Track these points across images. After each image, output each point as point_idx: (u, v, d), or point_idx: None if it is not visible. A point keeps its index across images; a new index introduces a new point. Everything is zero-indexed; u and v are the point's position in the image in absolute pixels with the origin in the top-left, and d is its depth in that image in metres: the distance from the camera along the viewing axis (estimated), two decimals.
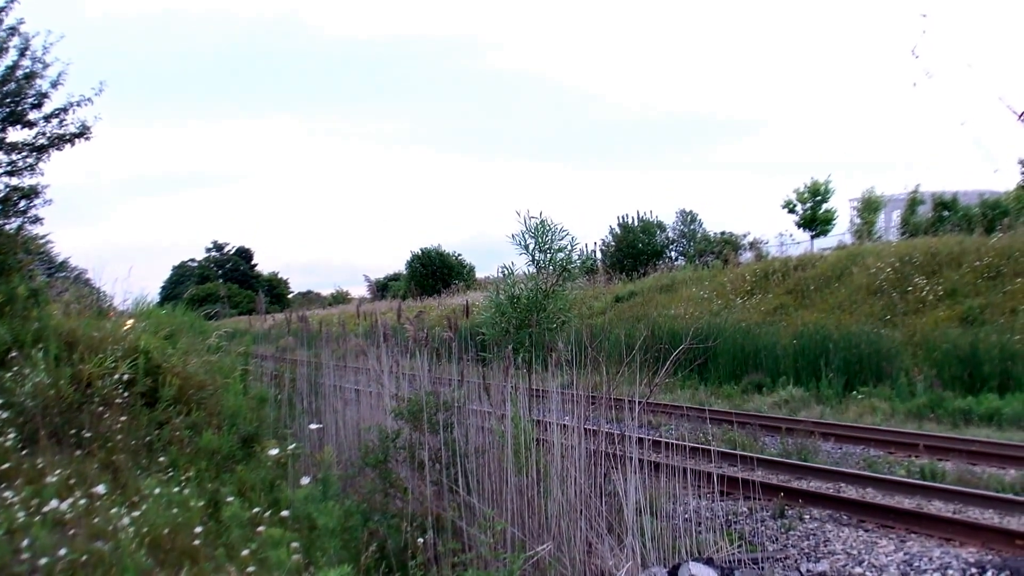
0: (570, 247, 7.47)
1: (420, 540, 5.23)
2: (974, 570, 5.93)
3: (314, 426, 7.42)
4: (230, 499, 4.53)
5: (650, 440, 7.38)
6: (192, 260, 74.77)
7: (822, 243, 30.31)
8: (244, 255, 76.18)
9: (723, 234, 33.63)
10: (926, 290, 18.35)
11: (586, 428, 5.94)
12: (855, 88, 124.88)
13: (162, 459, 5.36)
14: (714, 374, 16.85)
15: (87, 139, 9.07)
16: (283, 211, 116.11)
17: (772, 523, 7.37)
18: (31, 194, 9.06)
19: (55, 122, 8.92)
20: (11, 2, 8.75)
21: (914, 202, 27.70)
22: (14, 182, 8.92)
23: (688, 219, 38.47)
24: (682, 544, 5.61)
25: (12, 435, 4.83)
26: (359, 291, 57.42)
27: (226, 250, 76.08)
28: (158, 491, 4.37)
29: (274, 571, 3.77)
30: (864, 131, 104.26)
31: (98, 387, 5.71)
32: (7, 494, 4.05)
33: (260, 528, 4.15)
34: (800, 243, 31.44)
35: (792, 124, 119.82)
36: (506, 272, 7.87)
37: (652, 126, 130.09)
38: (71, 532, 3.88)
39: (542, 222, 7.34)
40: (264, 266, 77.43)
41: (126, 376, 5.93)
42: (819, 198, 31.34)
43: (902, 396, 13.44)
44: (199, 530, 4.12)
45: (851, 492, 8.29)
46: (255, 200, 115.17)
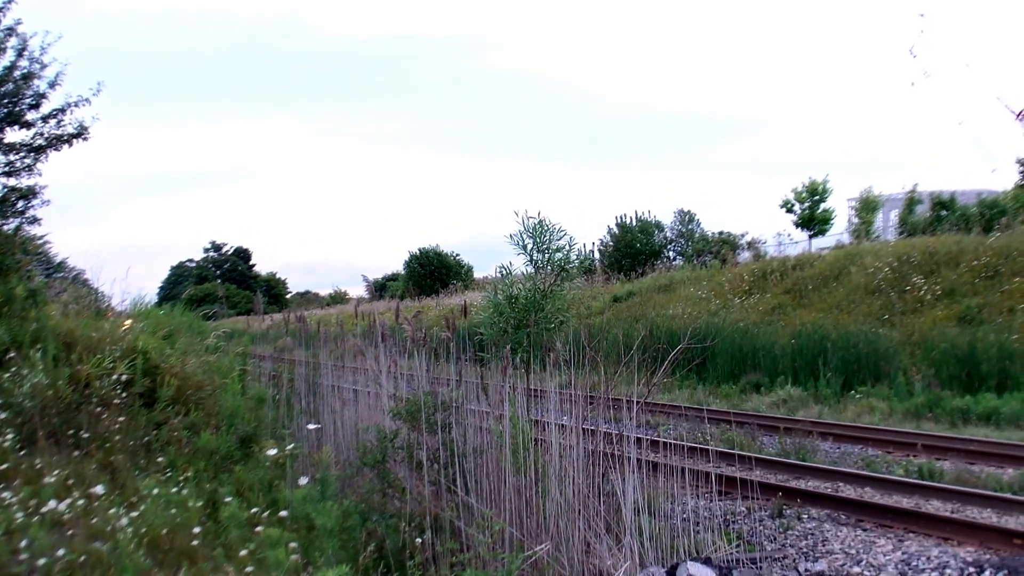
0: (568, 247, 7.46)
1: (418, 540, 5.24)
2: (972, 569, 5.94)
3: (312, 426, 7.42)
4: (228, 499, 4.53)
5: (648, 440, 7.39)
6: (190, 260, 74.78)
7: (820, 243, 30.34)
8: (242, 255, 76.13)
9: (721, 234, 33.67)
10: (924, 290, 18.37)
11: (584, 428, 5.95)
12: (853, 88, 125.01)
13: (160, 459, 5.35)
14: (712, 374, 16.87)
15: (85, 139, 9.09)
16: (281, 211, 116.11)
17: (770, 523, 7.38)
18: (29, 194, 9.08)
19: (53, 123, 8.94)
20: (9, 2, 8.76)
21: (912, 202, 27.73)
22: (12, 183, 8.94)
23: (686, 219, 38.52)
24: (680, 544, 5.61)
25: (10, 435, 4.82)
26: (357, 291, 57.37)
27: (224, 250, 76.04)
28: (156, 491, 4.37)
29: (272, 571, 3.77)
30: (862, 131, 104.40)
31: (96, 387, 5.70)
32: (5, 495, 4.04)
33: (258, 528, 4.15)
34: (798, 243, 31.48)
35: (790, 124, 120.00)
36: (504, 272, 7.86)
37: (650, 126, 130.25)
38: (69, 532, 3.87)
39: (540, 222, 7.33)
40: (262, 266, 77.50)
41: (124, 376, 5.92)
42: (817, 198, 31.40)
43: (900, 396, 13.46)
44: (197, 530, 4.11)
45: (849, 491, 8.31)
46: (253, 200, 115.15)
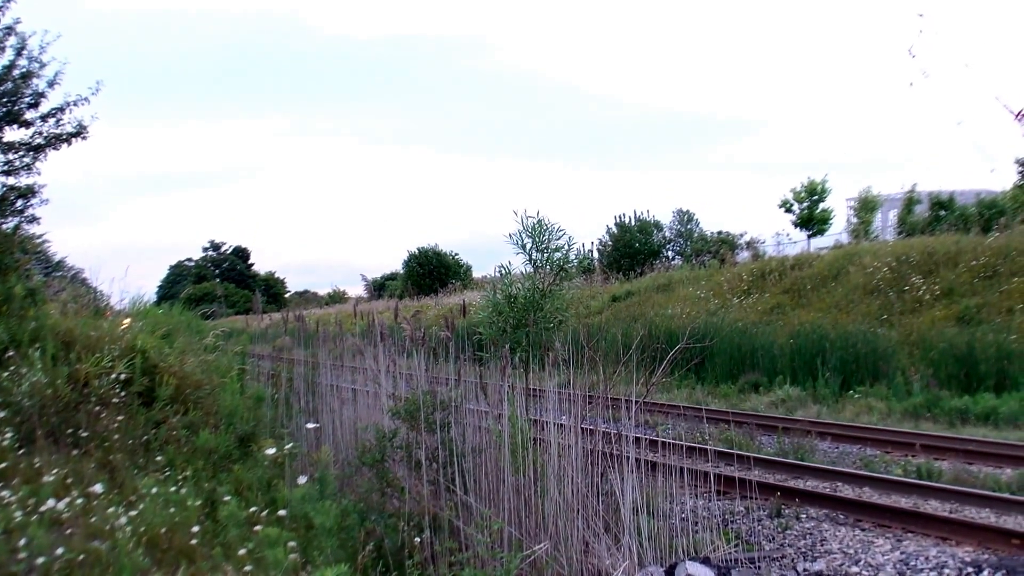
0: (567, 247, 7.46)
1: (417, 539, 5.24)
2: (970, 569, 5.95)
3: (311, 425, 7.42)
4: (227, 498, 4.53)
5: (647, 439, 7.41)
6: (189, 259, 74.79)
7: (819, 242, 30.37)
8: (241, 254, 76.11)
9: (720, 234, 33.68)
10: (923, 289, 18.38)
11: (583, 427, 5.95)
12: (852, 88, 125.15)
13: (159, 458, 5.35)
14: (711, 374, 16.89)
15: (84, 138, 9.08)
16: (280, 211, 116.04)
17: (769, 522, 7.39)
18: (28, 193, 9.07)
19: (52, 122, 8.93)
20: (8, 1, 8.75)
21: (911, 201, 27.75)
22: (11, 181, 8.94)
23: (685, 219, 38.50)
24: (679, 543, 5.61)
25: (9, 434, 4.82)
26: (356, 290, 57.33)
27: (223, 249, 76.00)
28: (155, 490, 4.37)
29: (271, 570, 3.77)
30: (861, 131, 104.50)
31: (95, 386, 5.70)
32: (4, 493, 4.04)
33: (257, 527, 4.15)
34: (797, 243, 31.52)
35: (789, 124, 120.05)
36: (503, 271, 7.86)
37: (650, 126, 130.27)
38: (68, 531, 3.87)
39: (539, 222, 7.33)
40: (261, 265, 77.49)
41: (123, 375, 5.92)
42: (816, 197, 31.40)
43: (899, 395, 13.47)
44: (196, 529, 4.12)
45: (848, 491, 8.31)
46: (252, 200, 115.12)
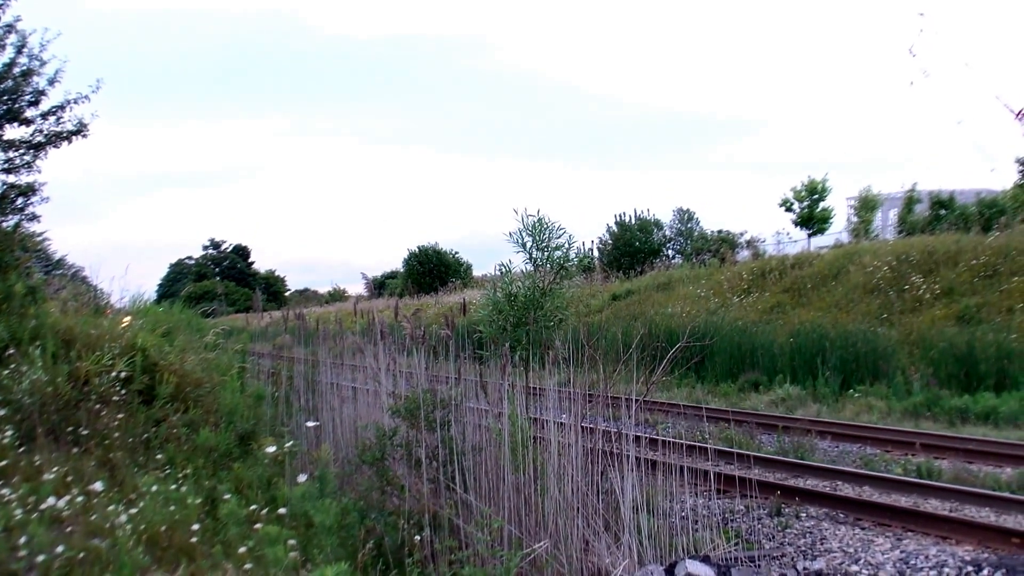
0: (567, 245, 7.45)
1: (417, 538, 5.25)
2: (970, 568, 5.95)
3: (311, 424, 7.42)
4: (227, 496, 4.53)
5: (647, 438, 7.41)
6: (189, 258, 74.79)
7: (819, 242, 30.36)
8: (241, 253, 76.10)
9: (720, 232, 33.67)
10: (923, 289, 18.38)
11: (583, 426, 5.95)
12: (852, 87, 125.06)
13: (159, 456, 5.36)
14: (711, 372, 16.88)
15: (84, 136, 9.07)
16: (280, 209, 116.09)
17: (769, 521, 7.39)
18: (28, 191, 9.07)
19: (52, 119, 8.93)
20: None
21: (911, 201, 27.74)
22: (11, 180, 8.93)
23: (685, 217, 38.50)
24: (679, 542, 5.62)
25: (9, 432, 4.83)
26: (356, 289, 57.29)
27: (223, 248, 75.99)
28: (155, 488, 4.38)
29: (271, 568, 3.77)
30: (861, 130, 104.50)
31: (95, 384, 5.70)
32: (4, 491, 4.04)
33: (257, 525, 4.15)
34: (797, 242, 31.49)
35: (789, 123, 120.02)
36: (503, 270, 7.85)
37: (650, 126, 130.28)
38: (68, 529, 3.88)
39: (539, 220, 7.32)
40: (261, 264, 77.46)
41: (123, 373, 5.92)
42: (816, 197, 31.38)
43: (899, 394, 13.47)
44: (196, 527, 4.12)
45: (847, 490, 8.31)
46: (253, 198, 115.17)
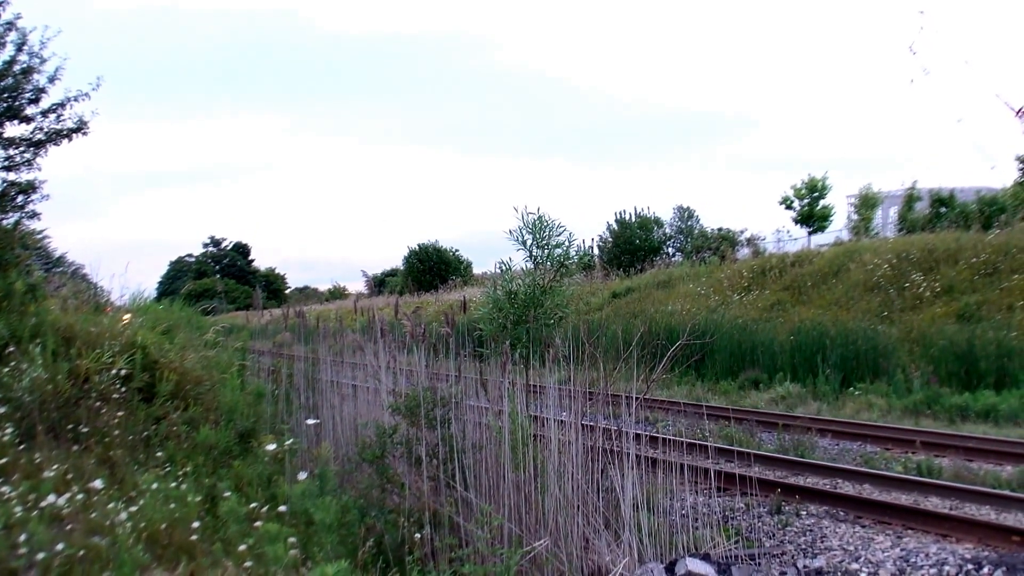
0: (568, 243, 7.45)
1: (417, 535, 5.25)
2: (970, 566, 5.95)
3: (311, 421, 7.41)
4: (227, 494, 4.53)
5: (647, 436, 7.41)
6: (189, 255, 74.78)
7: (819, 239, 30.33)
8: (241, 250, 76.10)
9: (720, 230, 33.69)
10: (923, 287, 18.38)
11: (583, 424, 5.95)
12: (853, 85, 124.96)
13: (159, 454, 5.36)
14: (711, 370, 16.88)
15: (84, 134, 9.04)
16: (281, 207, 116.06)
17: (769, 519, 7.39)
18: (28, 189, 9.04)
19: (52, 117, 8.89)
20: None
21: (911, 199, 27.73)
22: (11, 177, 8.90)
23: (685, 215, 38.52)
24: (679, 540, 5.62)
25: (9, 430, 4.82)
26: (356, 287, 57.42)
27: (223, 245, 76.01)
28: (155, 486, 4.37)
29: (271, 566, 3.78)
30: (862, 128, 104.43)
31: (95, 382, 5.70)
32: (4, 489, 4.04)
33: (257, 523, 4.15)
34: (797, 239, 31.47)
35: (790, 121, 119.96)
36: (504, 268, 7.85)
37: (650, 123, 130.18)
38: (68, 527, 3.87)
39: (540, 218, 7.32)
40: (261, 262, 77.50)
41: (123, 371, 5.92)
42: (816, 194, 31.35)
43: (899, 392, 13.47)
44: (196, 525, 4.12)
45: (848, 488, 8.31)
46: (253, 196, 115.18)
